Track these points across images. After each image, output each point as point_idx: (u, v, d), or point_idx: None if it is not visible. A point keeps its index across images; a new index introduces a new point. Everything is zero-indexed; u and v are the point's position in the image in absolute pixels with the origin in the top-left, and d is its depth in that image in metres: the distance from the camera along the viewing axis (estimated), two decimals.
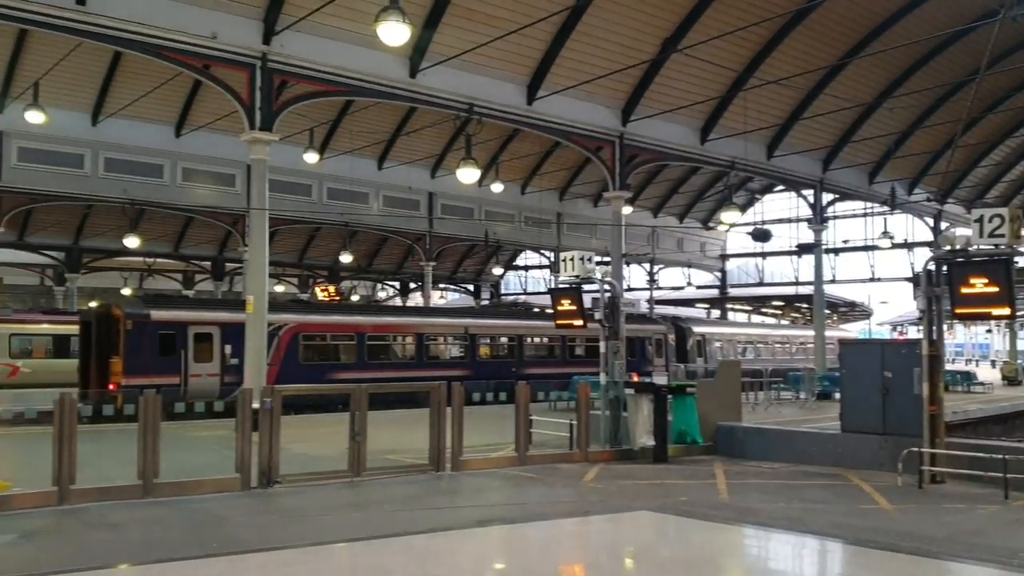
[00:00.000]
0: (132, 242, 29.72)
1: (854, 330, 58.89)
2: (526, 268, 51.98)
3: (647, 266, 44.17)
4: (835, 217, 40.72)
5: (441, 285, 49.13)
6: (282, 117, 18.53)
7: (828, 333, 35.00)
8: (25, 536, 8.17)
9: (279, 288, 48.41)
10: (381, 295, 57.51)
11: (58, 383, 27.66)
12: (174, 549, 7.78)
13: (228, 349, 22.41)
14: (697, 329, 36.47)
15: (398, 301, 51.84)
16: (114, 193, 28.40)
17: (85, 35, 16.60)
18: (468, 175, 21.25)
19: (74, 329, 28.13)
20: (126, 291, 44.08)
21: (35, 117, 22.47)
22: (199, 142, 28.67)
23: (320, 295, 36.99)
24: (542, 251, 42.56)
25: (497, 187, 30.66)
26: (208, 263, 40.39)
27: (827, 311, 38.25)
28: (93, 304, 26.14)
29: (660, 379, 16.03)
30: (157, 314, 22.39)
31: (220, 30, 17.29)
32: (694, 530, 9.04)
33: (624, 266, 26.41)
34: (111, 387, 21.51)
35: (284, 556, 7.76)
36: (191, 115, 28.09)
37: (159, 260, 41.28)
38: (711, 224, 44.38)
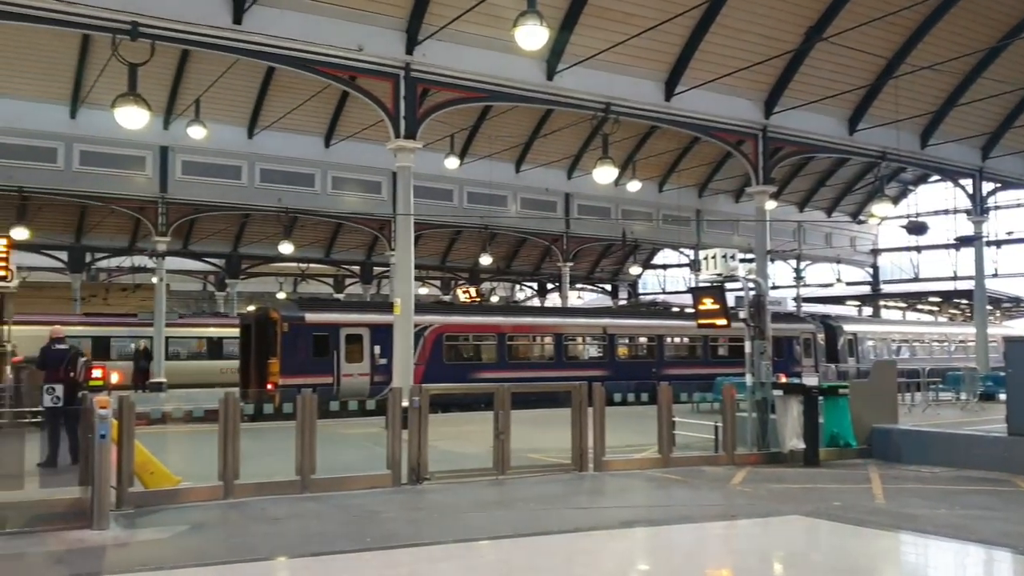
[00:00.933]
0: (286, 248, 31.20)
1: (1020, 327, 55.06)
2: (664, 267, 51.28)
3: (793, 262, 42.75)
4: (996, 208, 38.15)
5: (578, 285, 49.11)
6: (425, 125, 19.03)
7: (991, 330, 32.89)
8: (195, 528, 8.69)
9: (422, 290, 49.64)
10: (519, 296, 58.10)
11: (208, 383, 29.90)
12: (331, 542, 8.12)
13: (377, 350, 23.21)
14: (848, 327, 35.03)
15: (536, 302, 52.21)
16: (269, 202, 29.95)
17: (241, 53, 17.56)
18: (605, 175, 21.19)
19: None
20: (281, 295, 46.33)
21: (197, 132, 23.96)
22: (347, 151, 29.84)
23: (462, 296, 37.72)
24: (681, 249, 41.90)
25: (634, 186, 30.43)
26: (357, 267, 41.86)
27: (989, 307, 35.96)
28: (251, 308, 27.67)
29: (810, 380, 15.50)
30: (311, 317, 23.41)
31: (365, 42, 17.93)
32: (849, 536, 8.70)
33: (769, 263, 25.67)
34: (269, 387, 22.64)
35: (435, 552, 7.98)
36: (339, 126, 29.26)
37: (311, 265, 43.14)
38: (861, 218, 42.53)
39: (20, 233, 25.47)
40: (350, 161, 30.26)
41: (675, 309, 36.21)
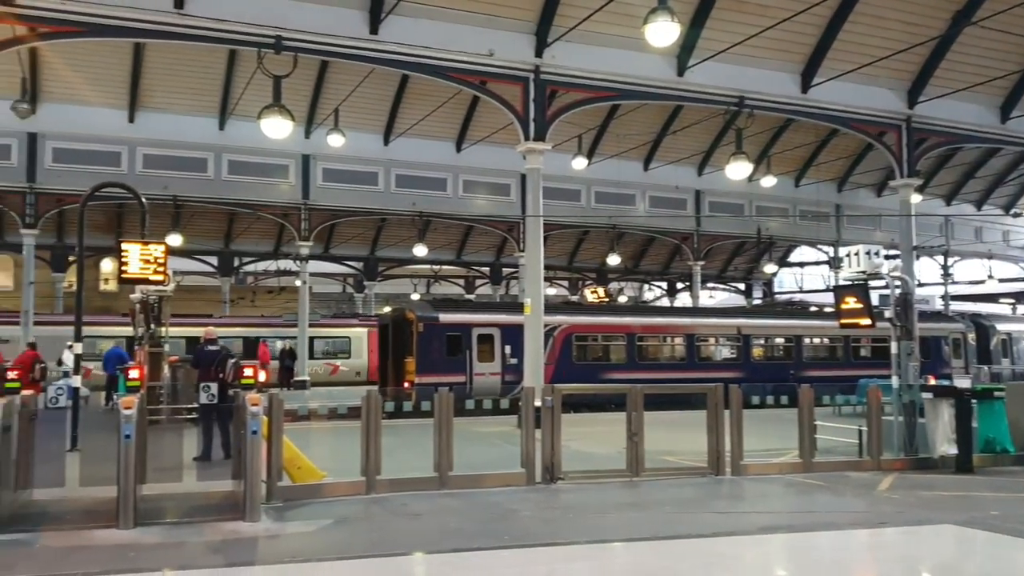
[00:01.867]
0: (420, 251, 32.00)
1: None
2: (801, 265, 49.63)
3: (940, 259, 40.60)
4: None
5: (709, 284, 48.17)
6: (553, 126, 19.12)
7: None
8: (339, 522, 9.02)
9: (550, 291, 49.84)
10: (648, 296, 57.48)
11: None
12: (469, 539, 8.27)
13: (507, 349, 23.49)
14: (1002, 327, 33.02)
15: (665, 302, 51.53)
16: (404, 207, 30.82)
17: (378, 62, 18.12)
18: (739, 170, 20.72)
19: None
20: (415, 296, 47.50)
21: (336, 141, 24.87)
22: (477, 155, 30.34)
23: (590, 297, 37.67)
24: (819, 246, 40.47)
25: (768, 181, 29.62)
26: (486, 268, 42.44)
27: None
28: (388, 309, 28.52)
29: (961, 382, 14.70)
30: (445, 317, 23.92)
31: (496, 47, 18.16)
32: (1007, 548, 8.21)
33: (914, 260, 24.47)
34: (405, 385, 23.27)
35: (570, 551, 8.01)
36: (470, 130, 29.77)
37: (443, 266, 44.04)
38: (1016, 210, 39.95)
39: (175, 240, 27.14)
40: (480, 164, 30.73)
41: (813, 309, 35.02)
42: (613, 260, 35.43)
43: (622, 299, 50.01)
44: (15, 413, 8.90)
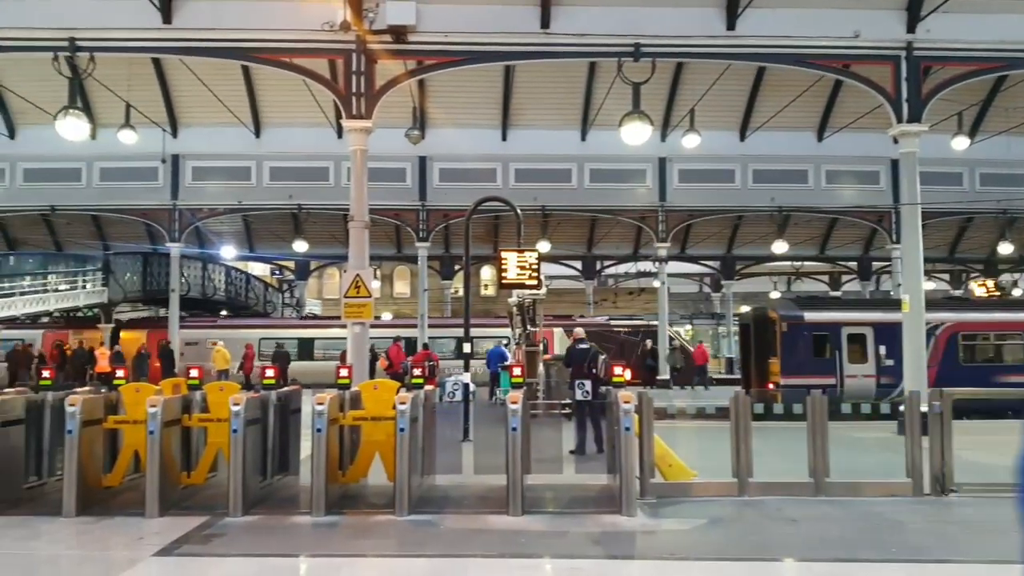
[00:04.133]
0: (780, 247, 30.98)
1: None
2: None
3: None
4: None
5: None
6: (929, 105, 17.56)
7: None
8: (713, 522, 9.02)
9: (929, 285, 45.54)
10: None
11: None
12: (852, 549, 7.87)
13: (882, 350, 21.94)
14: None
15: None
16: (762, 202, 30.08)
17: (735, 57, 17.91)
18: None
19: None
20: (775, 294, 46.06)
21: (691, 141, 24.94)
22: (840, 143, 28.77)
23: (977, 291, 33.95)
24: None
25: None
26: (853, 263, 39.99)
27: None
28: (747, 308, 27.99)
29: None
30: (810, 316, 22.94)
31: (861, 27, 17.08)
32: None
33: None
34: (768, 386, 22.66)
35: (970, 570, 7.32)
36: (832, 118, 28.30)
37: (805, 263, 42.22)
38: None
39: (544, 247, 28.93)
40: (844, 153, 29.10)
41: None
42: (1004, 249, 31.61)
43: (1016, 292, 44.38)
44: (420, 406, 10.04)
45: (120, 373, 11.05)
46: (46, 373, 10.84)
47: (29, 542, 8.13)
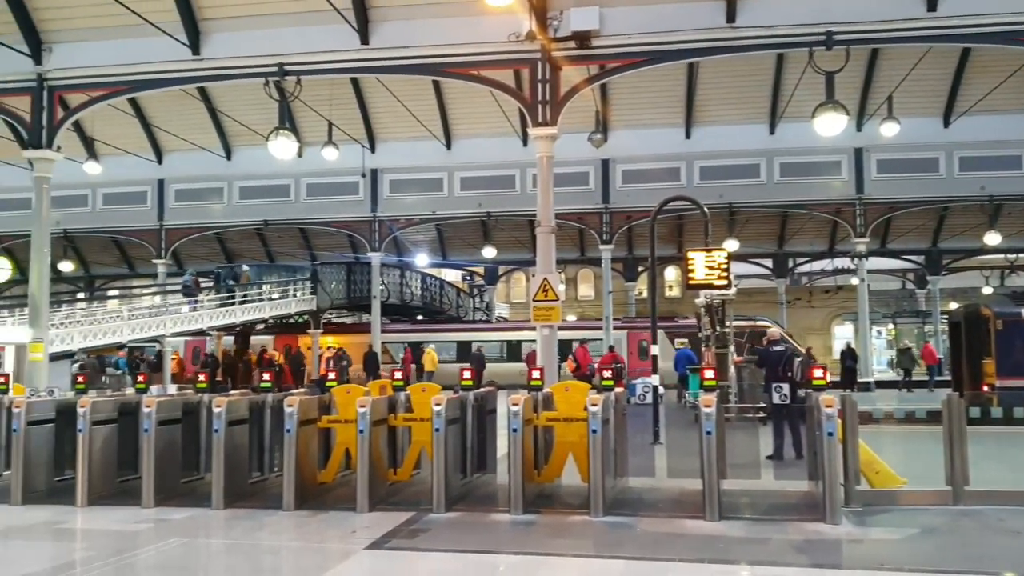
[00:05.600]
0: (992, 239, 28.80)
1: None
2: None
3: None
4: None
5: None
6: None
7: None
8: (926, 532, 8.53)
9: None
10: None
11: None
12: None
13: None
14: None
15: None
16: (970, 192, 28.07)
17: (936, 40, 16.87)
18: None
19: None
20: (987, 290, 42.70)
21: (890, 129, 23.63)
22: None
23: None
24: None
25: None
26: None
27: None
28: (958, 305, 26.14)
29: None
30: None
31: None
32: None
33: None
34: (983, 388, 21.04)
35: None
36: None
37: (1021, 255, 38.92)
38: None
39: (731, 245, 28.25)
40: None
41: None
42: None
43: None
44: (611, 408, 10.11)
45: (331, 376, 11.81)
46: (266, 376, 11.74)
47: (255, 533, 8.85)
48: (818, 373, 10.16)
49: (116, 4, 16.59)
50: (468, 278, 50.66)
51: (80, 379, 12.47)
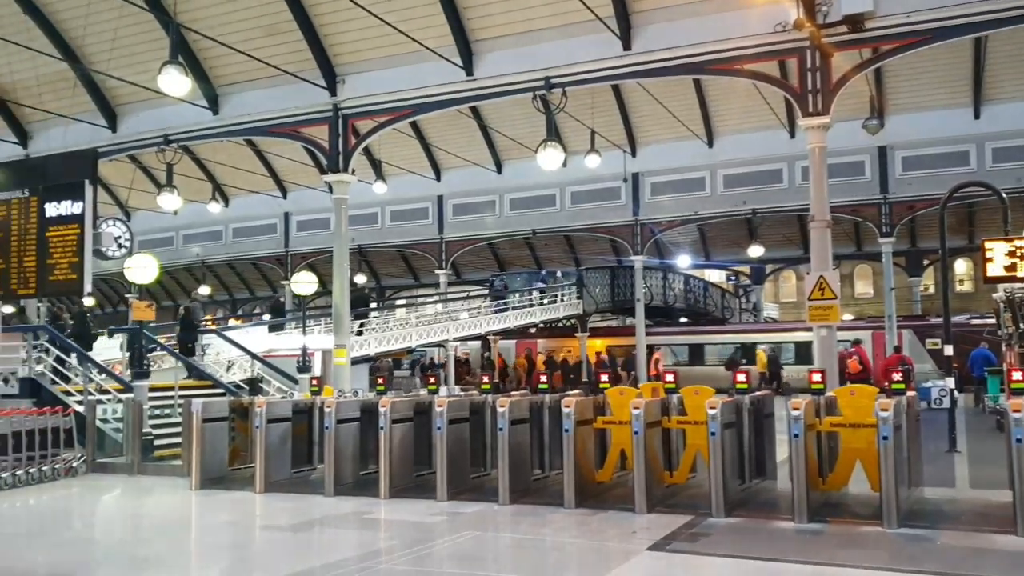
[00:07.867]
0: None
1: None
2: None
3: None
4: None
5: None
6: None
7: None
8: None
9: None
10: None
11: None
12: None
13: None
14: None
15: None
16: None
17: None
18: None
19: None
20: None
21: None
22: None
23: None
24: None
25: None
26: None
27: None
28: None
29: None
30: None
31: None
32: None
33: None
34: None
35: None
36: None
37: None
38: None
39: None
40: None
41: None
42: None
43: None
44: (903, 413, 9.48)
45: (604, 377, 12.06)
46: (543, 379, 12.21)
47: (540, 529, 9.24)
48: (1017, 376, 9.01)
49: (398, 34, 17.95)
50: (733, 278, 49.41)
51: (380, 381, 13.64)
